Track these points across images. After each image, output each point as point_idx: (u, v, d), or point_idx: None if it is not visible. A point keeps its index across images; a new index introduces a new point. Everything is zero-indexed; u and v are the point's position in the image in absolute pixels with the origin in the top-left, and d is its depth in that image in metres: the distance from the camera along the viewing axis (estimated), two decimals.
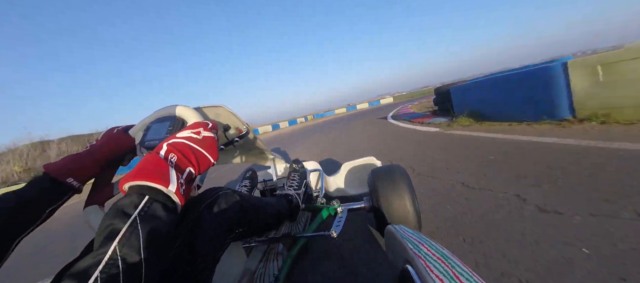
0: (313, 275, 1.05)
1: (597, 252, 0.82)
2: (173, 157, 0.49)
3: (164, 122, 0.69)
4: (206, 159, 0.56)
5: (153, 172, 0.44)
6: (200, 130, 0.58)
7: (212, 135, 0.60)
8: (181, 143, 0.53)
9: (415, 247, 0.48)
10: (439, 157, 2.28)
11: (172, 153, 0.50)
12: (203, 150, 0.55)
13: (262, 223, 0.81)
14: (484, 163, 1.85)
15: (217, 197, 0.64)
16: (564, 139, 1.98)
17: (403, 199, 0.97)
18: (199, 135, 0.57)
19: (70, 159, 0.60)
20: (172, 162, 0.48)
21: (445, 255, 0.44)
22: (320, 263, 1.12)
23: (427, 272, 0.41)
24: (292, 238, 1.08)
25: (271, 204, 0.91)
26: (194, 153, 0.53)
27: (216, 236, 0.60)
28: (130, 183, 0.43)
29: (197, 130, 0.58)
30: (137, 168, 0.44)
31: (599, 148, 1.65)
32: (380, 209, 0.99)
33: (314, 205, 1.30)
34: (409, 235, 0.53)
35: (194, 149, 0.54)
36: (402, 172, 1.06)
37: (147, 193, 0.42)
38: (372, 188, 1.06)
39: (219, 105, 0.91)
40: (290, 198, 1.11)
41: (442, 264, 0.42)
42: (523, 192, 1.29)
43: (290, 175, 1.36)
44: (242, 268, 0.88)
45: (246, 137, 1.01)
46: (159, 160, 0.47)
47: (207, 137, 0.58)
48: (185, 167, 0.51)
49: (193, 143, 0.55)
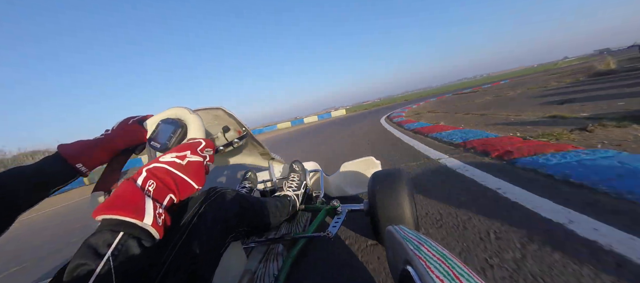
0: (313, 276, 1.05)
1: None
2: (152, 185, 0.48)
3: (170, 125, 0.70)
4: (188, 186, 0.54)
5: (127, 204, 0.42)
6: (187, 153, 0.57)
7: (199, 159, 0.58)
8: (162, 169, 0.51)
9: (415, 247, 0.48)
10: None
11: (151, 180, 0.48)
12: (185, 177, 0.53)
13: (262, 223, 0.81)
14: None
15: (216, 196, 0.64)
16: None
17: (402, 204, 0.95)
18: (184, 160, 0.55)
19: (84, 145, 0.62)
20: (150, 190, 0.47)
21: (445, 256, 0.44)
22: (320, 263, 1.12)
23: (427, 272, 0.41)
24: (292, 239, 1.08)
25: (271, 204, 0.91)
26: (174, 180, 0.51)
27: (216, 236, 0.60)
28: (104, 217, 0.40)
29: (183, 155, 0.56)
30: (111, 198, 0.43)
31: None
32: (377, 214, 0.98)
33: (313, 205, 1.30)
34: (409, 235, 0.53)
35: (175, 176, 0.52)
36: (402, 176, 1.03)
37: (121, 228, 0.40)
38: (372, 192, 1.04)
39: (218, 108, 0.92)
40: (289, 198, 1.11)
41: (442, 265, 0.42)
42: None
43: (290, 176, 1.36)
44: (242, 268, 0.88)
45: (245, 139, 1.01)
46: (135, 190, 0.45)
47: (192, 162, 0.56)
48: (165, 194, 0.49)
49: (175, 169, 0.53)
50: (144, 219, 0.42)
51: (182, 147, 0.59)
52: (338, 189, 1.70)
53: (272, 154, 1.46)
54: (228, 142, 0.96)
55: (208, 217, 0.59)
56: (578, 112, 2.97)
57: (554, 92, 5.98)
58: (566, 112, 3.03)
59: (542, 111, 3.47)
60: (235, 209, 0.67)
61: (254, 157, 1.52)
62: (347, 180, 1.71)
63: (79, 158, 0.59)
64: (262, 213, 0.81)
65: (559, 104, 3.90)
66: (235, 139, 0.97)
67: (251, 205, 0.75)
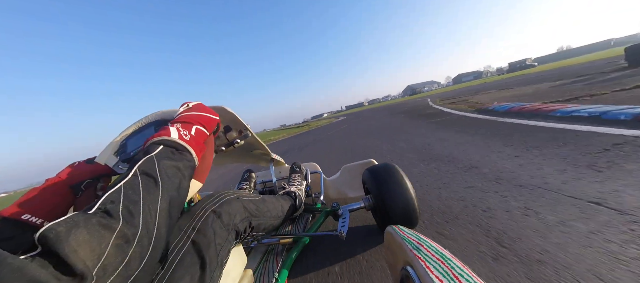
0: (313, 275, 1.05)
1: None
2: (178, 125, 0.61)
3: (146, 130, 0.70)
4: (206, 117, 0.67)
5: (160, 133, 0.57)
6: (187, 104, 0.70)
7: (197, 102, 0.71)
8: (178, 118, 0.64)
9: (414, 247, 0.48)
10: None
11: (176, 123, 0.61)
12: (199, 112, 0.67)
13: (266, 227, 0.82)
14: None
15: (221, 202, 0.65)
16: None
17: (401, 196, 0.97)
18: (188, 106, 0.69)
19: (24, 197, 0.55)
20: (176, 127, 0.60)
21: (444, 256, 0.45)
22: (320, 263, 1.12)
23: (426, 272, 0.41)
24: (293, 239, 1.08)
25: (273, 207, 0.92)
26: (192, 118, 0.64)
27: (221, 241, 0.60)
28: (149, 142, 0.56)
29: (184, 106, 0.69)
30: (153, 135, 0.57)
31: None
32: (379, 208, 1.00)
33: (313, 206, 1.30)
34: (408, 236, 0.54)
35: (190, 116, 0.65)
36: (396, 169, 1.07)
37: (160, 143, 0.55)
38: (369, 187, 1.07)
39: (220, 107, 0.92)
40: (292, 195, 1.11)
41: (441, 265, 0.42)
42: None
43: (291, 176, 1.36)
44: (242, 268, 0.88)
45: (246, 138, 1.01)
46: (165, 127, 0.59)
47: (195, 104, 0.70)
48: (190, 126, 0.62)
49: (187, 112, 0.66)
50: (171, 135, 0.57)
51: (180, 107, 0.71)
52: (338, 191, 1.71)
53: (273, 154, 1.46)
54: (229, 142, 0.96)
55: (213, 222, 0.60)
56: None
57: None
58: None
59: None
60: (241, 215, 0.68)
61: (254, 157, 1.52)
62: (347, 182, 1.71)
63: (24, 209, 0.52)
64: (265, 217, 0.81)
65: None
66: (236, 138, 0.97)
67: (255, 210, 0.75)
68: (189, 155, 0.57)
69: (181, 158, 0.54)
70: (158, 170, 0.48)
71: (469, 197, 1.35)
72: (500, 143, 2.20)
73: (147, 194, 0.44)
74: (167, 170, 0.50)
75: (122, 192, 0.42)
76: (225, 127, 0.96)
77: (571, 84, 5.67)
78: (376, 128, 5.85)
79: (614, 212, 0.96)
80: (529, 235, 0.93)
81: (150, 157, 0.49)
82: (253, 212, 0.74)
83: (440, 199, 1.41)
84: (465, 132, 2.99)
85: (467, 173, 1.70)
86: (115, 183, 0.44)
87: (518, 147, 1.99)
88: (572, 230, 0.91)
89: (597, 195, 1.09)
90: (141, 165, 0.47)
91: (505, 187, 1.36)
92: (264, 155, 1.46)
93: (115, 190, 0.42)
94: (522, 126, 2.62)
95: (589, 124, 2.18)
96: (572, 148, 1.69)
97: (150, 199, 0.44)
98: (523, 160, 1.68)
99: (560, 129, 2.23)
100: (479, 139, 2.52)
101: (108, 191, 0.42)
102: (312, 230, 1.09)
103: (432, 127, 3.99)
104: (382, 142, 3.72)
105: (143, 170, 0.46)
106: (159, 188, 0.46)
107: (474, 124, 3.42)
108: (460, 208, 1.25)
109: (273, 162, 1.54)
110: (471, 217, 1.15)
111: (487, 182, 1.48)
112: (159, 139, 0.55)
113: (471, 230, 1.05)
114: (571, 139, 1.90)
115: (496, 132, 2.64)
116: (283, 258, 0.99)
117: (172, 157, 0.53)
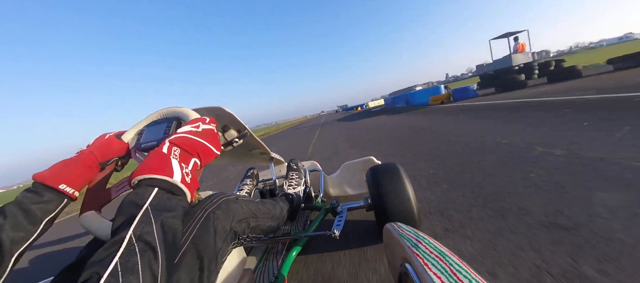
0: (313, 275, 1.05)
1: None
2: (176, 151, 0.52)
3: (160, 125, 0.70)
4: (209, 150, 0.58)
5: (158, 166, 0.47)
6: (199, 124, 0.61)
7: (211, 127, 0.62)
8: (182, 138, 0.55)
9: (413, 245, 0.48)
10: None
11: (175, 147, 0.53)
12: (205, 141, 0.58)
13: (264, 228, 0.81)
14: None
15: (220, 204, 0.64)
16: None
17: (402, 196, 0.97)
18: (199, 128, 0.60)
19: (60, 166, 0.59)
20: (176, 154, 0.52)
21: (443, 253, 0.44)
22: (320, 262, 1.12)
23: (425, 270, 0.41)
24: (292, 238, 1.08)
25: (273, 207, 0.91)
26: (196, 146, 0.56)
27: (220, 243, 0.60)
28: (139, 178, 0.46)
29: (196, 125, 0.60)
30: (143, 164, 0.47)
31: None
32: (379, 207, 1.00)
33: (313, 204, 1.30)
34: (406, 233, 0.53)
35: (195, 142, 0.56)
36: (398, 169, 1.06)
37: (156, 184, 0.45)
38: (371, 187, 1.07)
39: (218, 107, 0.92)
40: (290, 198, 1.11)
41: (440, 262, 0.42)
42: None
43: (289, 175, 1.36)
44: (242, 268, 0.88)
45: (245, 138, 1.01)
46: (163, 155, 0.50)
47: (207, 129, 0.61)
48: (189, 159, 0.54)
49: (194, 136, 0.57)
50: (173, 176, 0.47)
51: (193, 121, 0.62)
52: (338, 189, 1.71)
53: (272, 153, 1.46)
54: (227, 142, 0.96)
55: (212, 225, 0.59)
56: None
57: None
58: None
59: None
60: (239, 217, 0.68)
61: (253, 156, 1.52)
62: (346, 180, 1.71)
63: (60, 179, 0.56)
64: (264, 218, 0.81)
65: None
66: (234, 138, 0.96)
67: (254, 212, 0.75)
68: (185, 200, 0.49)
69: (177, 206, 0.46)
70: (157, 235, 0.40)
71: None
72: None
73: (146, 272, 0.36)
74: (167, 232, 0.42)
75: (120, 273, 0.34)
76: (223, 127, 0.95)
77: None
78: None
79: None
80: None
81: (147, 215, 0.40)
82: (252, 213, 0.73)
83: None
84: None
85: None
86: (109, 250, 0.36)
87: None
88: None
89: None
90: (136, 228, 0.38)
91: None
92: (264, 154, 1.46)
93: (112, 272, 0.33)
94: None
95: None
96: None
97: (150, 278, 0.36)
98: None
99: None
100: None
101: (102, 263, 0.34)
102: (312, 227, 1.09)
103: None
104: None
105: (139, 235, 0.38)
106: (158, 262, 0.38)
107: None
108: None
109: (273, 160, 1.54)
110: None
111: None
112: (154, 177, 0.45)
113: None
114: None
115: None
116: (282, 258, 0.99)
117: (167, 205, 0.44)
